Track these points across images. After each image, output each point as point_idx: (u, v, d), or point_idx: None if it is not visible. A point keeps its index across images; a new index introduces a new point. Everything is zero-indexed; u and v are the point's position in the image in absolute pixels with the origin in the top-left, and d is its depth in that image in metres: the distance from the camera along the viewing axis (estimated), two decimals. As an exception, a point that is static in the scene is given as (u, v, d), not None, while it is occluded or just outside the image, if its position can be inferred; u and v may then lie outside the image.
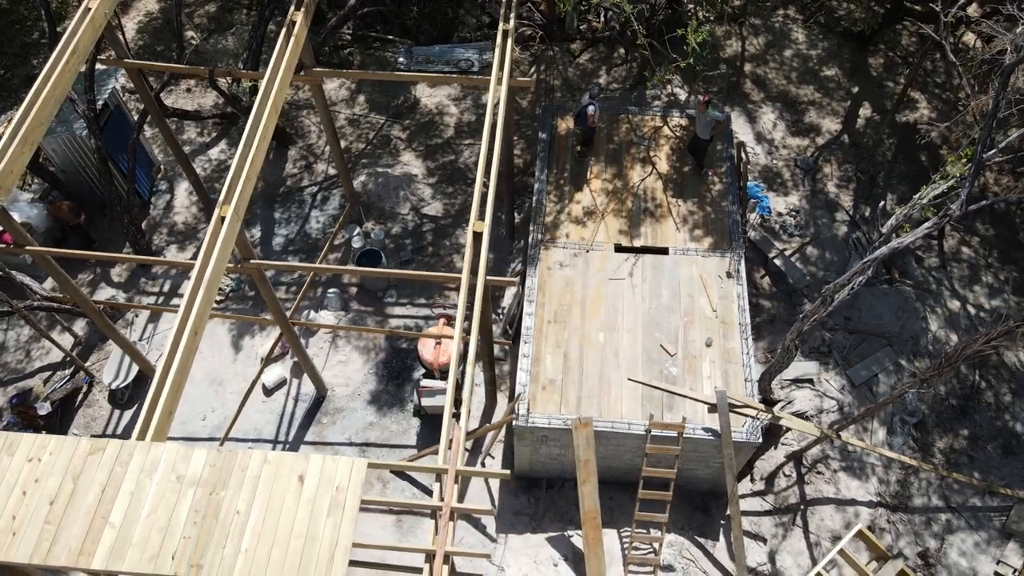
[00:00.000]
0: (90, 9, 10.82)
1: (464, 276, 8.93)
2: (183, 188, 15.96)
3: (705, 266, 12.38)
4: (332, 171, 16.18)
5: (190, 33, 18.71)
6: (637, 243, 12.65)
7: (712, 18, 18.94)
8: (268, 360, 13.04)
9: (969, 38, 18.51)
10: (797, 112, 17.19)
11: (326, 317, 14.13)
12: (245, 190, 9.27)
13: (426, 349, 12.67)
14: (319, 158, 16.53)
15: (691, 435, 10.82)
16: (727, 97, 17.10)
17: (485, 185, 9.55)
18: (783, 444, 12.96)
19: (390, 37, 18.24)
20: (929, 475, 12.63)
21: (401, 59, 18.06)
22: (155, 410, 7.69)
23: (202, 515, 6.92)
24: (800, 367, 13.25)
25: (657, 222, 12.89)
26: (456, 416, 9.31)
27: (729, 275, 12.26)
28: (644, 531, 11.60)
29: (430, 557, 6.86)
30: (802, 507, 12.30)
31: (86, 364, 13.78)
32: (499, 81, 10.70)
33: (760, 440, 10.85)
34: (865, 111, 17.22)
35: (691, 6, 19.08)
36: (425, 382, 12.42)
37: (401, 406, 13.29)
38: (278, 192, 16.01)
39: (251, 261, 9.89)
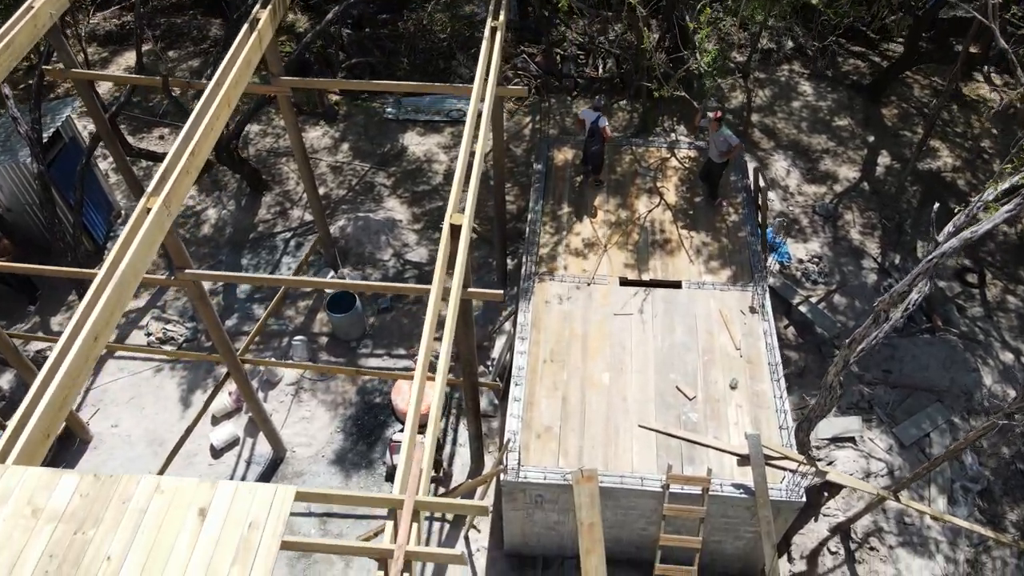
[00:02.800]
0: (33, 7, 9.76)
1: (435, 284, 7.18)
2: (144, 233, 14.51)
3: (725, 300, 10.74)
4: (308, 217, 14.83)
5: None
6: (646, 277, 11.06)
7: (715, 72, 18.27)
8: (210, 401, 11.16)
9: (984, 91, 17.72)
10: (811, 160, 16.05)
11: (292, 372, 12.33)
12: (181, 184, 7.76)
13: (401, 398, 10.83)
14: (296, 204, 15.22)
15: (718, 492, 8.83)
16: (735, 144, 16.00)
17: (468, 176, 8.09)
18: (825, 515, 10.86)
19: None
20: (1004, 553, 10.47)
21: (390, 109, 17.16)
22: (25, 426, 5.86)
23: (58, 562, 4.99)
24: (840, 423, 11.34)
25: (667, 255, 11.36)
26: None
27: (753, 310, 10.60)
28: (663, 620, 9.36)
29: (373, 621, 4.87)
30: (856, 591, 10.08)
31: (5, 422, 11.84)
32: (485, 82, 9.43)
33: (804, 499, 8.84)
34: (884, 159, 16.08)
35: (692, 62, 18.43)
36: (399, 436, 10.49)
37: (371, 469, 11.28)
38: (247, 238, 14.58)
39: (187, 271, 8.27)
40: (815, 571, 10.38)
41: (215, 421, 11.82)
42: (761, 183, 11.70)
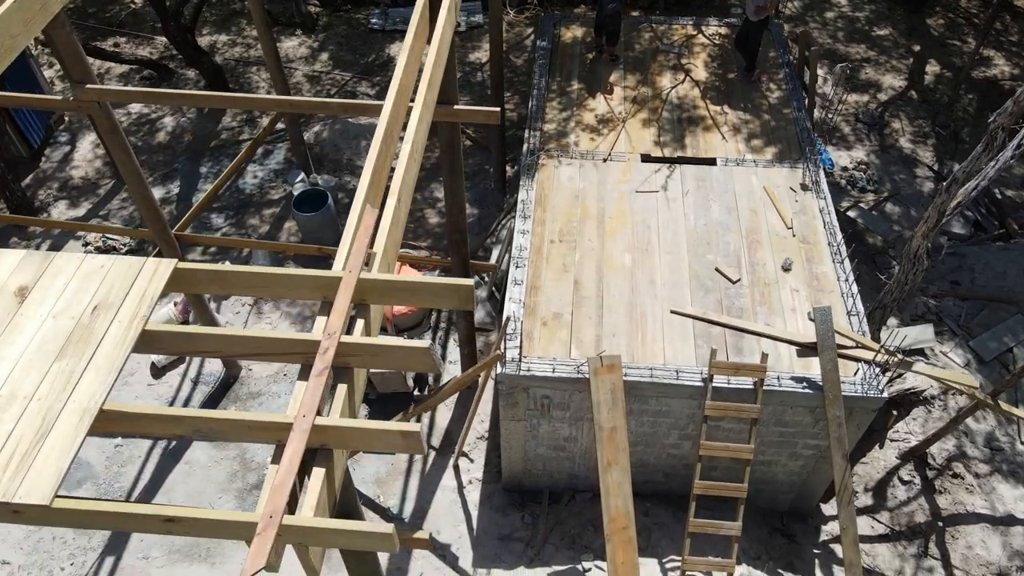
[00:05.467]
0: None
1: (396, 84, 4.87)
2: (88, 141, 12.68)
3: (770, 178, 8.86)
4: (280, 125, 12.94)
5: (130, -4, 16.06)
6: (673, 154, 9.18)
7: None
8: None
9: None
10: (850, 68, 14.18)
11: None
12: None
13: (377, 296, 8.92)
14: (265, 112, 13.33)
15: (775, 387, 6.92)
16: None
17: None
18: (892, 440, 8.95)
19: (362, -4, 15.58)
20: (1114, 485, 8.54)
21: (375, 20, 15.32)
22: None
23: None
24: (910, 333, 9.43)
25: (698, 132, 9.48)
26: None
27: (805, 187, 8.72)
28: (702, 556, 7.43)
29: (280, 445, 2.95)
30: (940, 524, 8.13)
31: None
32: None
33: (885, 395, 6.93)
34: (932, 68, 14.23)
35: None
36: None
37: (342, 389, 9.37)
38: (208, 146, 12.71)
39: (88, 86, 6.38)
40: (884, 504, 8.45)
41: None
42: (810, 46, 9.82)
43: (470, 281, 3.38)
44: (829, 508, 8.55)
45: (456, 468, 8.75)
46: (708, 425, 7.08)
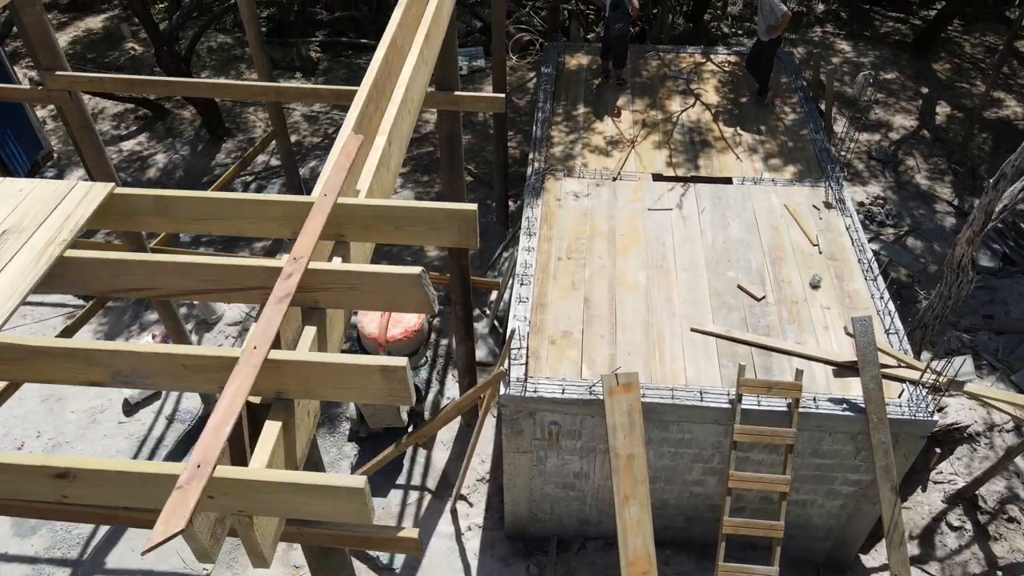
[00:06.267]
0: None
1: (399, 8, 4.56)
2: (76, 177, 12.24)
3: (791, 196, 8.33)
4: (275, 161, 12.55)
5: (130, 44, 16.01)
6: (686, 175, 8.69)
7: (740, 32, 16.50)
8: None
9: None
10: (859, 109, 13.93)
11: (234, 307, 9.79)
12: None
13: (370, 321, 8.25)
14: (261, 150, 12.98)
15: (812, 410, 6.17)
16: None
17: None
18: (935, 482, 8.10)
19: (364, 41, 15.49)
20: None
21: (376, 65, 15.15)
22: None
23: None
24: (951, 366, 8.69)
25: (711, 153, 9.02)
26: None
27: (828, 205, 8.18)
28: (734, 609, 6.50)
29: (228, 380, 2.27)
30: (999, 574, 7.21)
31: None
32: None
33: (936, 418, 6.18)
34: (943, 109, 13.98)
35: (713, 23, 16.70)
36: (364, 366, 7.85)
37: (332, 426, 8.59)
38: (200, 181, 12.27)
39: (58, 73, 5.89)
40: (933, 553, 7.54)
41: (133, 371, 9.18)
42: (824, 65, 9.47)
43: (472, 206, 2.76)
44: (870, 559, 7.65)
45: (454, 512, 7.88)
46: (736, 455, 6.30)
